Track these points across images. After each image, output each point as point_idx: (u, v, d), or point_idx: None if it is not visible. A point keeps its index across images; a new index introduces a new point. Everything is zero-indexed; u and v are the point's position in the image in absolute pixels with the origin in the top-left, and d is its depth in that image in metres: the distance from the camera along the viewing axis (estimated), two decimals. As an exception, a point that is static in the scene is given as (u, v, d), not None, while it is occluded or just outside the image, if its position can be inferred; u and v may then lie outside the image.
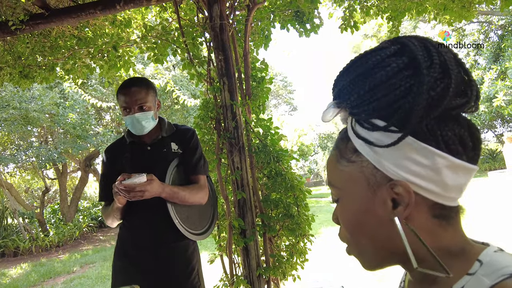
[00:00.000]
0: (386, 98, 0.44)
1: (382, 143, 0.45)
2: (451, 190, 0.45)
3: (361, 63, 0.47)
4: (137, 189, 1.36)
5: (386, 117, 0.44)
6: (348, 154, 0.51)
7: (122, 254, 1.62)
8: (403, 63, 0.44)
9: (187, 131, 1.72)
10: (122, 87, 1.57)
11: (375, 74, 0.45)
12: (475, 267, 0.44)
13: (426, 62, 0.43)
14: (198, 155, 1.69)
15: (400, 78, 0.43)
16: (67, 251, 9.23)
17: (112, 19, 3.01)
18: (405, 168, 0.44)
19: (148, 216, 1.56)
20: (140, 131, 1.58)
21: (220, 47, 2.39)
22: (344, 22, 3.15)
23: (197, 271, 1.63)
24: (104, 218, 1.65)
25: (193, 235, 1.63)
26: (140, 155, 1.63)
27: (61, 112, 9.70)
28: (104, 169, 1.68)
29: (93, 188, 20.74)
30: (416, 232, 0.46)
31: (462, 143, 0.44)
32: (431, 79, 0.42)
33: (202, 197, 1.63)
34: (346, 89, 0.48)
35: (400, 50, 0.46)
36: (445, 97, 0.42)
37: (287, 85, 31.86)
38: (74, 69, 2.99)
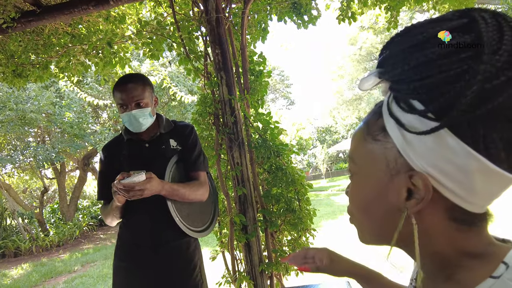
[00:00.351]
0: (430, 79, 0.38)
1: (414, 128, 0.40)
2: (478, 197, 0.40)
3: (415, 33, 0.41)
4: (136, 188, 1.34)
5: (426, 101, 0.39)
6: (375, 131, 0.47)
7: (122, 254, 1.60)
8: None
9: (186, 127, 1.69)
10: (118, 84, 1.53)
11: (427, 49, 0.38)
12: (500, 270, 0.40)
13: (493, 46, 0.36)
14: (198, 152, 1.66)
15: (454, 60, 0.37)
16: (68, 251, 9.22)
17: (106, 15, 2.96)
18: (431, 161, 0.40)
19: (148, 215, 1.54)
20: (138, 128, 1.55)
21: (217, 41, 2.35)
22: (342, 12, 3.11)
23: (199, 268, 1.61)
24: (103, 217, 1.62)
25: (195, 232, 1.61)
26: (138, 152, 1.60)
27: (57, 111, 9.64)
28: (102, 168, 1.65)
29: (92, 186, 20.71)
30: (415, 230, 0.43)
31: (508, 149, 0.38)
32: (491, 69, 0.35)
33: (202, 193, 1.61)
34: (393, 59, 0.42)
35: (466, 25, 0.38)
36: (502, 93, 0.35)
37: (285, 79, 31.78)
38: (68, 66, 2.94)
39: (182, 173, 1.64)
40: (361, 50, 23.06)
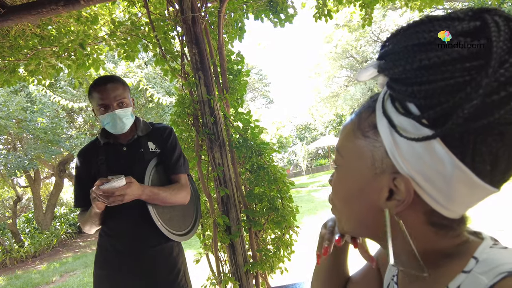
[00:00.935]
0: (431, 85, 0.36)
1: (406, 132, 0.40)
2: (456, 205, 0.41)
3: (422, 29, 0.38)
4: (116, 194, 1.29)
5: (422, 106, 0.38)
6: (366, 127, 0.46)
7: (103, 262, 1.55)
8: (473, 50, 0.34)
9: (164, 129, 1.65)
10: (96, 84, 1.48)
11: (432, 51, 0.36)
12: (470, 265, 0.42)
13: (501, 58, 0.33)
14: (177, 154, 1.62)
15: (458, 68, 0.35)
16: (45, 261, 8.89)
17: (77, 15, 2.86)
18: (416, 166, 0.40)
19: (129, 220, 1.49)
20: (121, 129, 1.50)
21: (194, 41, 2.31)
22: (318, 10, 3.13)
23: (183, 273, 1.58)
24: (81, 225, 1.56)
25: (177, 236, 1.57)
26: (116, 156, 1.55)
27: (29, 117, 9.25)
28: (78, 174, 1.59)
29: (69, 193, 20.05)
30: (405, 230, 0.44)
31: (493, 164, 0.38)
32: (494, 83, 0.34)
33: (184, 196, 1.57)
34: (396, 55, 0.40)
35: (477, 29, 0.36)
36: (500, 109, 0.34)
37: (263, 78, 31.86)
38: (38, 70, 2.82)
39: (162, 176, 1.60)
40: (337, 48, 23.43)
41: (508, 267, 0.38)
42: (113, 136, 1.57)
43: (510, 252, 0.41)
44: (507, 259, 0.39)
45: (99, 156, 1.55)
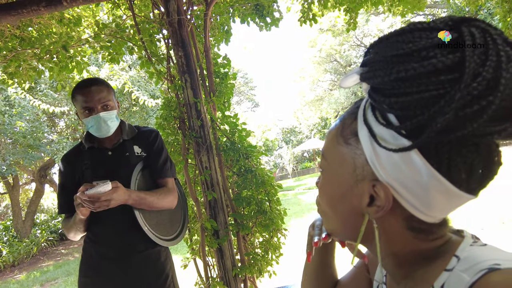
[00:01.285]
0: (408, 97, 0.37)
1: (385, 142, 0.41)
2: (434, 210, 0.42)
3: (403, 39, 0.39)
4: (102, 199, 1.26)
5: (401, 117, 0.39)
6: (348, 134, 0.47)
7: (88, 269, 1.50)
8: (445, 64, 0.35)
9: (150, 132, 1.62)
10: (79, 87, 1.44)
11: (409, 63, 0.37)
12: (452, 263, 0.43)
13: (474, 71, 0.34)
14: (164, 157, 1.60)
15: (433, 81, 0.35)
16: (24, 270, 8.58)
17: (59, 17, 2.79)
18: (395, 175, 0.42)
19: (115, 226, 1.46)
20: (106, 132, 1.47)
21: (180, 43, 2.29)
22: (303, 15, 3.17)
23: (171, 278, 1.56)
24: (65, 232, 1.52)
25: (165, 241, 1.55)
26: (101, 161, 1.51)
27: (7, 121, 8.95)
28: (62, 179, 1.55)
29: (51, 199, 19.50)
30: (376, 234, 0.46)
31: (469, 173, 0.40)
32: (468, 97, 0.34)
33: (171, 201, 1.55)
34: (376, 64, 0.41)
35: (453, 41, 0.36)
36: (473, 122, 0.35)
37: (248, 82, 31.92)
38: (18, 72, 2.74)
39: (149, 180, 1.57)
40: (321, 52, 23.75)
41: (488, 263, 0.39)
42: (97, 140, 1.54)
43: (489, 249, 0.43)
44: (486, 256, 0.41)
45: (84, 161, 1.51)
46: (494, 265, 0.38)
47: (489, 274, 0.38)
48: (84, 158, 1.52)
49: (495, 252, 0.42)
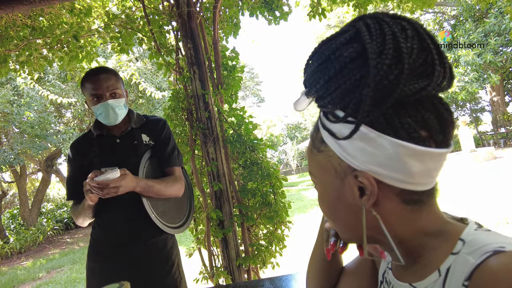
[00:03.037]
0: (340, 89, 0.43)
1: (342, 134, 0.46)
2: (417, 177, 0.44)
3: (321, 51, 0.46)
4: (111, 186, 1.28)
5: (344, 108, 0.45)
6: (318, 143, 0.52)
7: (96, 254, 1.53)
8: (355, 52, 0.43)
9: (158, 121, 1.64)
10: (88, 75, 1.47)
11: (330, 65, 0.44)
12: (458, 246, 0.45)
13: (378, 48, 0.41)
14: (172, 146, 1.62)
15: (351, 69, 0.42)
16: (31, 257, 8.74)
17: (70, 7, 2.82)
18: (366, 158, 0.45)
19: (123, 212, 1.48)
20: (114, 120, 1.49)
21: (189, 35, 2.31)
22: (313, 9, 3.16)
23: (177, 265, 1.58)
24: (74, 217, 1.54)
25: (171, 229, 1.57)
26: (110, 148, 1.52)
27: (16, 110, 9.06)
28: (71, 166, 1.57)
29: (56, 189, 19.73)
30: (379, 220, 0.48)
31: (427, 128, 0.43)
32: (383, 67, 0.40)
33: (178, 189, 1.57)
34: (310, 79, 0.48)
35: (354, 36, 0.44)
36: (398, 84, 0.40)
37: (254, 77, 31.85)
38: (29, 61, 2.77)
39: (156, 169, 1.59)
40: (329, 48, 23.55)
41: (493, 246, 0.41)
42: (106, 128, 1.56)
43: (493, 233, 0.45)
44: (491, 240, 0.42)
45: (92, 148, 1.53)
46: (499, 247, 0.40)
47: (494, 256, 0.39)
48: (92, 145, 1.53)
49: (499, 236, 0.43)
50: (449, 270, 0.44)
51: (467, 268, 0.41)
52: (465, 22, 13.88)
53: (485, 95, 18.34)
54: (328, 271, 0.76)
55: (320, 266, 0.76)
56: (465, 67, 13.15)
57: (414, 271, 0.50)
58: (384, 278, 0.60)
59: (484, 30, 12.60)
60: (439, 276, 0.45)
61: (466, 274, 0.41)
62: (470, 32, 12.95)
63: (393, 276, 0.56)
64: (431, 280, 0.46)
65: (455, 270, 0.43)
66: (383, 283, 0.61)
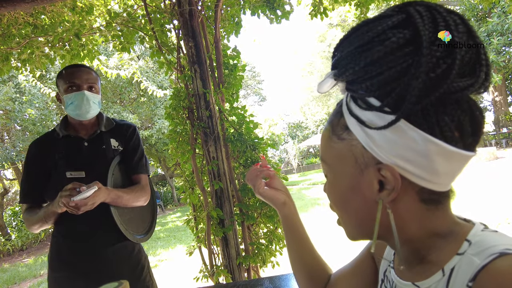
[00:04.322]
0: (381, 76, 0.41)
1: (374, 124, 0.44)
2: (441, 177, 0.43)
3: (361, 32, 0.44)
4: (89, 203, 1.25)
5: (381, 97, 0.43)
6: (339, 130, 0.50)
7: (60, 264, 1.44)
8: (404, 38, 0.40)
9: (128, 127, 1.59)
10: (69, 67, 1.45)
11: (372, 48, 0.41)
12: (464, 247, 0.44)
13: (431, 38, 0.39)
14: (140, 153, 1.57)
15: (399, 56, 0.40)
16: (32, 254, 8.78)
17: (72, 5, 2.82)
18: (394, 152, 0.43)
19: (89, 222, 1.41)
20: (85, 112, 1.43)
21: (190, 34, 2.31)
22: (314, 8, 3.16)
23: (147, 269, 1.54)
24: (27, 223, 1.42)
25: (137, 237, 1.53)
26: (77, 151, 1.45)
27: (17, 108, 9.09)
28: (29, 167, 1.47)
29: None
30: (391, 217, 0.47)
31: (460, 129, 0.42)
32: (433, 59, 0.38)
33: (145, 199, 1.54)
34: (344, 60, 0.45)
35: (404, 21, 0.41)
36: (446, 79, 0.39)
37: (256, 75, 31.83)
38: (31, 59, 2.78)
39: (124, 175, 1.54)
40: (330, 47, 23.54)
41: (499, 248, 0.40)
42: (73, 129, 1.50)
43: (500, 235, 0.44)
44: (498, 241, 0.42)
45: (58, 150, 1.45)
46: (505, 250, 0.39)
47: (500, 258, 0.39)
48: (58, 146, 1.45)
49: (506, 238, 0.43)
50: (453, 270, 0.44)
51: (472, 269, 0.41)
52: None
53: (487, 95, 18.27)
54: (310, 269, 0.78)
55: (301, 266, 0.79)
56: (467, 67, 13.07)
57: (418, 270, 0.50)
58: (386, 276, 0.60)
59: (487, 29, 12.55)
60: (443, 276, 0.45)
61: (471, 275, 0.40)
62: (473, 32, 12.86)
63: (396, 274, 0.55)
64: (434, 280, 0.46)
65: (460, 270, 0.43)
66: (384, 281, 0.60)
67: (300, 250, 0.80)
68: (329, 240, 4.99)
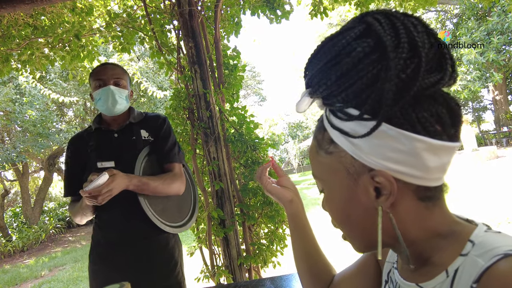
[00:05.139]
0: (355, 86, 0.42)
1: (357, 133, 0.44)
2: (433, 172, 0.44)
3: (327, 48, 0.45)
4: (104, 191, 1.24)
5: (358, 105, 0.43)
6: (326, 145, 0.50)
7: (97, 256, 1.48)
8: (369, 46, 0.41)
9: (158, 117, 1.61)
10: (97, 66, 1.50)
11: (341, 61, 0.43)
12: (467, 248, 0.44)
13: (393, 42, 0.40)
14: (172, 142, 1.57)
15: (367, 64, 0.41)
16: (33, 255, 8.78)
17: (72, 6, 2.82)
18: (383, 156, 0.44)
19: (121, 212, 1.43)
20: (112, 107, 1.45)
21: (190, 34, 2.31)
22: (314, 8, 3.15)
23: (180, 265, 1.54)
24: (71, 215, 1.49)
25: (171, 227, 1.52)
26: (107, 142, 1.49)
27: (18, 109, 9.09)
28: (69, 162, 1.53)
29: (59, 188, 19.80)
30: (393, 221, 0.47)
31: (440, 122, 0.43)
32: (400, 61, 0.40)
33: (178, 186, 1.51)
34: (316, 78, 0.46)
35: (365, 30, 0.43)
36: (417, 78, 0.40)
37: (256, 75, 31.83)
38: (31, 60, 2.78)
39: (155, 166, 1.53)
40: (330, 47, 23.51)
41: (503, 249, 0.40)
42: (105, 123, 1.54)
43: (504, 236, 0.44)
44: (501, 242, 0.41)
45: (90, 142, 1.50)
46: (510, 250, 0.39)
47: (504, 259, 0.39)
48: (90, 139, 1.51)
49: (509, 239, 0.42)
50: (457, 272, 0.43)
51: (476, 270, 0.40)
52: (467, 20, 13.80)
53: (488, 94, 18.27)
54: (315, 269, 0.78)
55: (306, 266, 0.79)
56: (467, 66, 13.09)
57: (422, 272, 0.50)
58: (389, 277, 0.59)
59: (487, 28, 12.53)
60: (447, 277, 0.44)
61: (475, 276, 0.40)
62: (473, 31, 12.88)
63: (400, 276, 0.55)
64: (438, 281, 0.46)
65: (464, 271, 0.42)
66: (388, 283, 0.60)
67: (306, 249, 0.80)
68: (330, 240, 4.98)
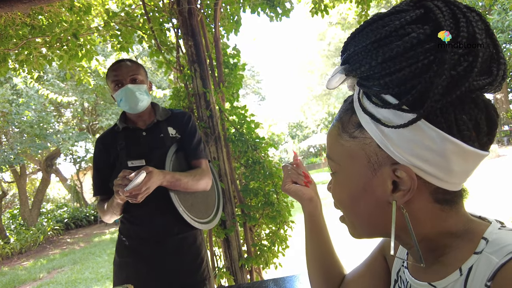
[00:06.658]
0: (401, 73, 0.39)
1: (391, 122, 0.41)
2: (456, 176, 0.42)
3: (376, 27, 0.41)
4: (143, 190, 1.25)
5: (399, 94, 0.40)
6: (351, 128, 0.47)
7: (124, 249, 1.50)
8: (425, 34, 0.38)
9: (184, 114, 1.62)
10: (111, 66, 1.49)
11: (391, 44, 0.39)
12: (481, 246, 0.43)
13: (452, 34, 0.37)
14: (198, 139, 1.59)
15: (420, 52, 0.38)
16: (31, 257, 8.72)
17: (70, 5, 2.78)
18: (411, 151, 0.41)
19: (152, 207, 1.44)
20: (135, 105, 1.46)
21: (190, 33, 2.28)
22: (315, 5, 3.13)
23: (206, 262, 1.54)
24: (100, 214, 1.50)
25: (200, 224, 1.53)
26: (136, 141, 1.50)
27: (14, 110, 9.03)
28: (97, 161, 1.54)
29: (57, 189, 19.74)
30: (408, 220, 0.45)
31: (477, 128, 0.41)
32: (455, 56, 0.37)
33: (206, 182, 1.53)
34: (357, 56, 0.43)
35: (423, 15, 0.40)
36: (468, 77, 0.37)
37: (255, 75, 31.82)
38: (29, 60, 2.74)
39: (183, 162, 1.56)
40: (330, 46, 23.53)
41: None
42: (132, 121, 1.54)
43: None
44: None
45: (118, 142, 1.50)
46: None
47: None
48: (118, 139, 1.51)
49: None
50: (471, 270, 0.42)
51: (490, 268, 0.39)
52: (466, 19, 13.79)
53: (486, 93, 18.28)
54: (327, 269, 0.76)
55: (319, 265, 0.77)
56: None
57: (434, 270, 0.48)
58: (399, 277, 0.58)
59: (486, 27, 12.54)
60: (460, 276, 0.43)
61: (489, 274, 0.39)
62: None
63: (410, 275, 0.53)
64: (451, 280, 0.44)
65: (478, 269, 0.41)
66: (397, 282, 0.58)
67: (320, 249, 0.78)
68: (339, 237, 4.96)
